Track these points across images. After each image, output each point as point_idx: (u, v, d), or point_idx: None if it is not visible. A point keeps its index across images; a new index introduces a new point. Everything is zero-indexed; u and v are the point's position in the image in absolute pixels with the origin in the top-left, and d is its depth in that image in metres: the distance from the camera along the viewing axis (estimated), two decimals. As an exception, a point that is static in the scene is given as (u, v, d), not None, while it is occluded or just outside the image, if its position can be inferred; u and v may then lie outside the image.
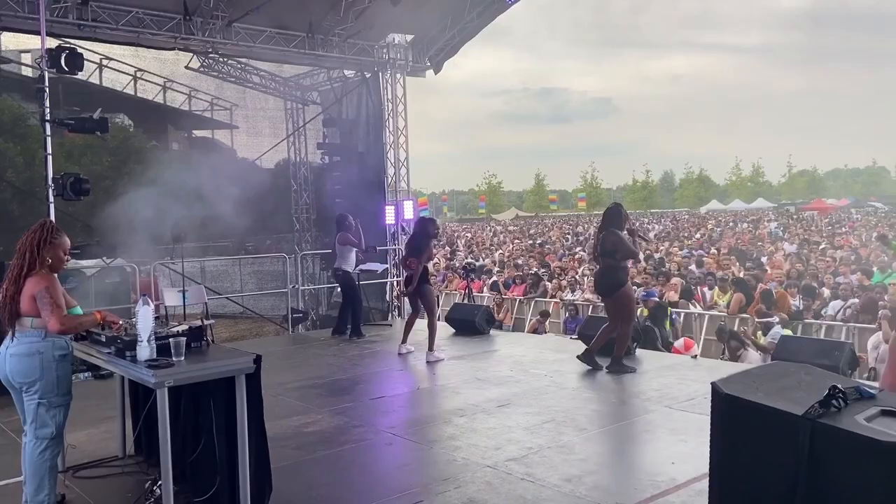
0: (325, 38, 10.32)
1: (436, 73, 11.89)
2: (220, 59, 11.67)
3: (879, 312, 8.67)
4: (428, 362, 7.74)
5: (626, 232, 7.10)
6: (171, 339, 3.64)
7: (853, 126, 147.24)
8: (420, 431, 5.33)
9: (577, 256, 19.41)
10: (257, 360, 3.71)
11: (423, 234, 7.94)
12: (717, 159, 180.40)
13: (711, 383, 2.20)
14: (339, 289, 10.43)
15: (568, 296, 13.54)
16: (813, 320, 10.03)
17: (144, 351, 3.63)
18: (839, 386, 2.09)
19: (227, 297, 11.58)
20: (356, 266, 9.73)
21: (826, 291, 11.21)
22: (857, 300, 9.91)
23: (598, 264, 7.32)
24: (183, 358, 3.63)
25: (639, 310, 9.67)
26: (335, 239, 9.62)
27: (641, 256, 12.50)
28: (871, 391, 2.17)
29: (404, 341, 8.31)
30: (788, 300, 10.32)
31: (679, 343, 9.16)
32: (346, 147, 12.35)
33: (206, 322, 8.85)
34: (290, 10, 9.61)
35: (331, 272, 10.27)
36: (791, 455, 2.08)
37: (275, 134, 13.05)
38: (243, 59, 11.68)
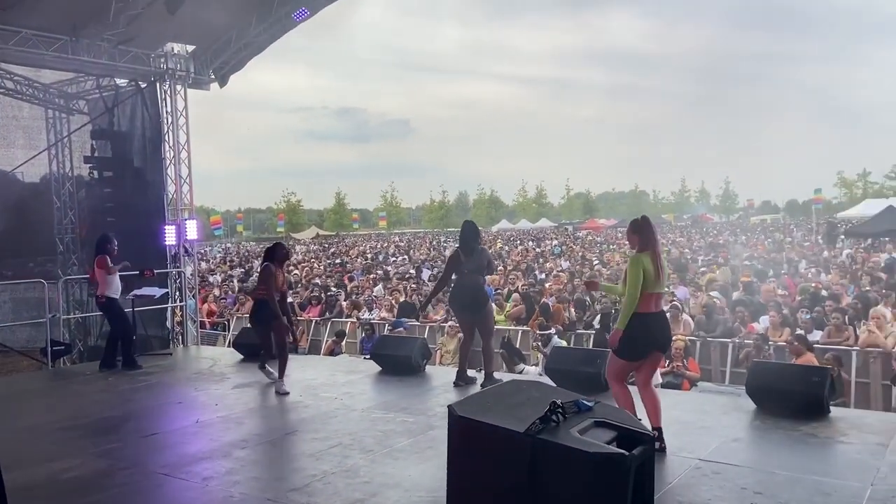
0: (91, 42, 9.43)
1: (221, 87, 11.41)
2: (-38, 60, 10.19)
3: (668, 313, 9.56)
4: (277, 392, 7.24)
5: None
6: None
7: (620, 153, 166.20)
8: (196, 469, 4.98)
9: (372, 276, 19.61)
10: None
11: (267, 261, 7.39)
12: (507, 181, 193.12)
13: (448, 406, 2.31)
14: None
15: (365, 315, 13.58)
16: (584, 330, 11.02)
17: None
18: (559, 401, 2.30)
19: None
20: (129, 292, 8.92)
21: (597, 305, 12.38)
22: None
23: (460, 282, 7.10)
24: None
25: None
26: (94, 263, 8.78)
27: None
28: (589, 404, 2.41)
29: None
30: (563, 313, 11.27)
31: None
32: (120, 161, 11.32)
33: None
34: (50, 12, 8.65)
35: (94, 300, 9.33)
36: (517, 469, 2.20)
37: (31, 145, 11.61)
38: (-9, 62, 10.30)
